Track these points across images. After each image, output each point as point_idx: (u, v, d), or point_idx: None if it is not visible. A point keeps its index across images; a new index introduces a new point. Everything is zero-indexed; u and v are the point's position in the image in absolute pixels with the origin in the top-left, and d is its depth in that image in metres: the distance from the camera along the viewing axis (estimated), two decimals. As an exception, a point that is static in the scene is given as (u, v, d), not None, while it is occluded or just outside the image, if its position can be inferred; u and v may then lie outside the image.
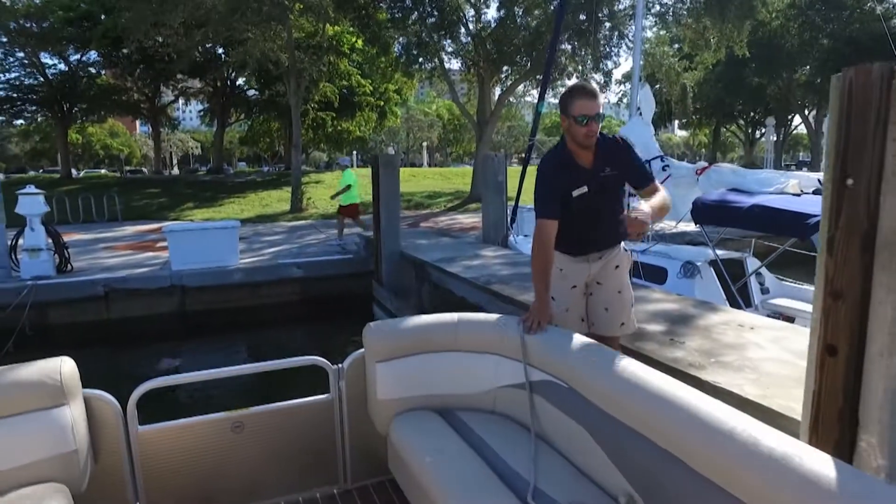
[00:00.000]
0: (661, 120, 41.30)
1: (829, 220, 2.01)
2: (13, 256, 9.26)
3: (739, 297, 5.64)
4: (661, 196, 2.86)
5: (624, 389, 2.01)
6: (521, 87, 20.31)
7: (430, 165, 53.60)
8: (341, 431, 2.80)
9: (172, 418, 2.60)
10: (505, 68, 17.89)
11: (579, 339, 2.43)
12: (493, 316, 2.75)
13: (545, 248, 2.79)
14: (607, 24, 15.77)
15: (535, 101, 28.39)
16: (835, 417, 2.06)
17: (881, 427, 1.97)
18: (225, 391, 6.75)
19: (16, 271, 9.15)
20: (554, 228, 2.80)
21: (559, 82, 18.36)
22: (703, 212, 5.73)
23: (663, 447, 1.84)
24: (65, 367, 2.22)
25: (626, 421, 1.97)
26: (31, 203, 8.90)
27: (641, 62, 24.00)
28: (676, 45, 26.61)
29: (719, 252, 6.74)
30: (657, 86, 29.53)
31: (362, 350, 2.71)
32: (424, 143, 58.93)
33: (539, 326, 2.64)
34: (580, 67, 17.09)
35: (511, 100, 21.88)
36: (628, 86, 31.90)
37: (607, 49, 16.71)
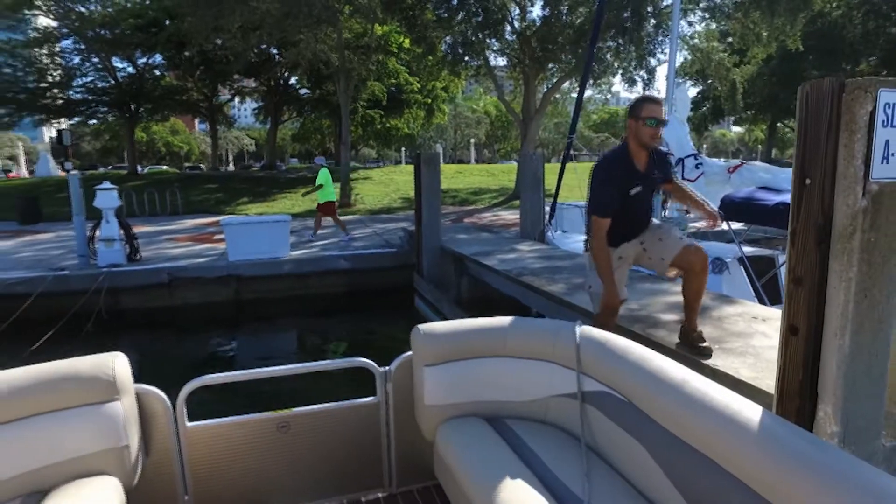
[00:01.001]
0: (714, 116, 40.31)
1: (793, 214, 2.28)
2: (90, 246, 10.13)
3: (765, 294, 5.77)
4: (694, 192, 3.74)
5: (689, 407, 1.87)
6: (566, 84, 20.37)
7: (477, 162, 53.82)
8: (387, 435, 2.75)
9: (216, 411, 2.64)
10: (550, 66, 18.03)
11: (639, 349, 2.28)
12: (546, 321, 2.69)
13: (604, 243, 3.27)
14: (652, 21, 15.69)
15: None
16: (796, 390, 2.34)
17: (835, 399, 2.23)
18: (270, 384, 7.32)
19: (93, 260, 10.02)
20: (608, 225, 3.26)
21: (602, 80, 18.41)
22: (731, 209, 5.88)
23: (731, 473, 1.74)
24: (117, 362, 2.24)
25: (690, 441, 1.85)
26: (107, 197, 9.72)
27: (689, 57, 23.57)
28: (729, 39, 26.00)
29: (753, 249, 6.85)
30: (709, 81, 28.90)
31: (410, 353, 2.66)
32: (472, 140, 59.20)
33: (613, 315, 3.30)
34: (625, 65, 17.07)
35: (557, 96, 21.93)
36: (678, 80, 31.39)
37: (651, 47, 16.61)
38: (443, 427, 2.52)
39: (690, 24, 20.29)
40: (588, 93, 24.94)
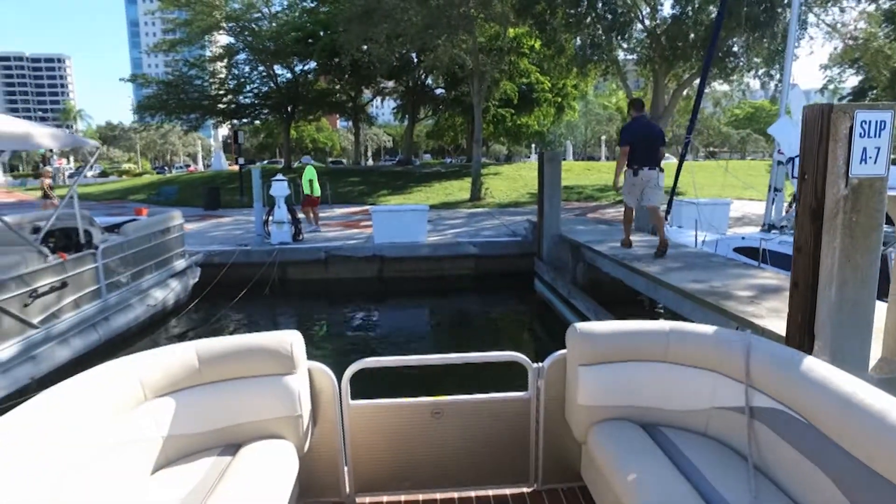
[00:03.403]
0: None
1: (798, 201, 3.12)
2: (266, 227, 12.33)
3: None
4: None
5: (886, 436, 1.68)
6: (697, 82, 20.11)
7: (608, 159, 53.08)
8: (536, 431, 2.76)
9: (361, 381, 2.76)
10: (680, 64, 18.05)
11: (824, 366, 2.06)
12: (712, 328, 2.54)
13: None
14: (788, 15, 15.22)
15: (716, 93, 27.34)
16: (798, 329, 3.17)
17: (825, 335, 3.06)
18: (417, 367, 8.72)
19: (267, 239, 12.20)
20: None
21: (734, 78, 18.06)
22: None
23: None
24: (294, 340, 2.44)
25: (889, 476, 1.66)
26: (280, 187, 11.83)
27: (839, 48, 21.97)
28: None
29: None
30: (867, 70, 26.54)
31: (564, 351, 2.65)
32: (602, 137, 58.45)
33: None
34: (756, 61, 16.67)
35: (688, 93, 21.69)
36: (835, 70, 29.06)
37: (783, 45, 16.08)
38: (595, 429, 2.49)
39: (843, 10, 19.18)
40: (724, 88, 24.21)
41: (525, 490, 2.80)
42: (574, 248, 9.25)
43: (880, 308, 3.61)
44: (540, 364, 2.68)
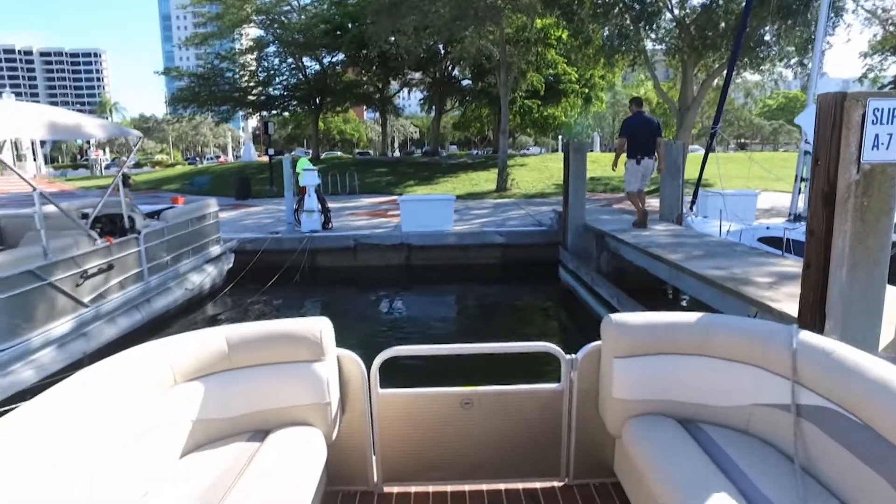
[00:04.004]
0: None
1: (810, 187, 3.25)
2: (296, 216, 12.68)
3: None
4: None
5: None
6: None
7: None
8: (568, 424, 2.70)
9: (391, 367, 2.67)
10: (709, 54, 17.87)
11: (881, 365, 1.94)
12: (754, 321, 2.47)
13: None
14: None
15: (747, 83, 26.90)
16: (810, 308, 3.30)
17: (836, 314, 3.20)
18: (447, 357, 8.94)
19: (297, 227, 12.55)
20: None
21: (765, 67, 17.80)
22: None
23: None
24: (324, 326, 2.43)
25: None
26: (310, 177, 12.15)
27: (879, 35, 21.37)
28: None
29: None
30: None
31: (598, 343, 2.58)
32: (631, 128, 57.65)
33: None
34: (789, 49, 16.41)
35: (717, 83, 21.44)
36: (875, 58, 28.27)
37: (814, 33, 15.80)
38: (631, 423, 2.43)
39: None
40: (756, 78, 23.83)
41: (556, 484, 2.76)
42: (598, 236, 9.36)
43: (894, 293, 3.72)
44: (573, 355, 2.62)
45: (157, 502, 1.86)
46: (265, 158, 27.66)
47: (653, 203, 10.70)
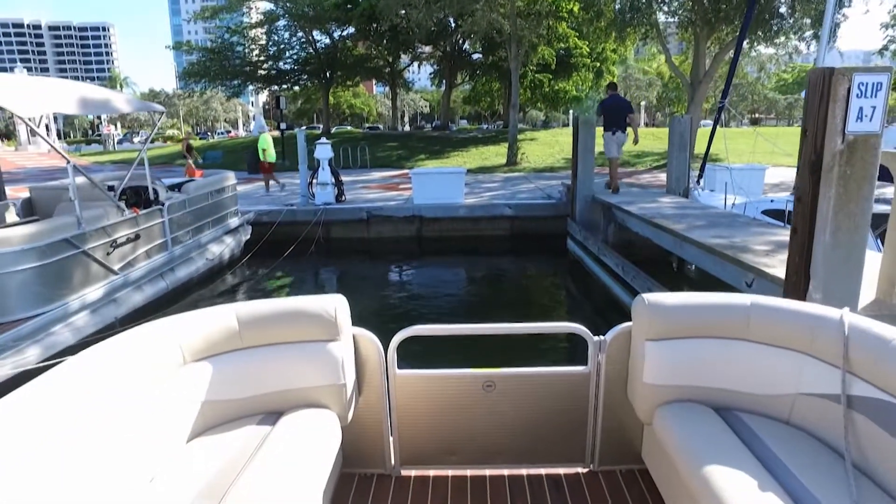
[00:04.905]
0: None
1: (799, 156, 3.48)
2: (310, 189, 12.97)
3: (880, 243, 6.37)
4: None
5: None
6: (744, 45, 19.65)
7: (647, 125, 52.13)
8: (595, 408, 2.59)
9: (411, 352, 2.54)
10: (722, 27, 17.74)
11: None
12: (799, 304, 2.28)
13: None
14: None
15: (760, 57, 26.55)
16: (795, 270, 3.56)
17: (819, 275, 3.46)
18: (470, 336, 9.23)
19: (311, 199, 12.85)
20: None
21: (778, 41, 17.66)
22: None
23: None
24: (339, 304, 2.32)
25: None
26: (324, 150, 12.41)
27: None
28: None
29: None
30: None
31: (629, 324, 2.45)
32: (642, 103, 57.25)
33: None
34: (801, 22, 16.27)
35: (730, 57, 21.28)
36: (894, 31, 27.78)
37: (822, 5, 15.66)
38: (662, 410, 2.30)
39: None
40: (769, 51, 23.60)
41: (580, 470, 2.65)
42: (605, 208, 9.59)
43: (878, 258, 3.96)
44: (601, 337, 2.49)
45: (164, 486, 1.80)
46: (277, 133, 27.86)
47: (660, 176, 10.88)
